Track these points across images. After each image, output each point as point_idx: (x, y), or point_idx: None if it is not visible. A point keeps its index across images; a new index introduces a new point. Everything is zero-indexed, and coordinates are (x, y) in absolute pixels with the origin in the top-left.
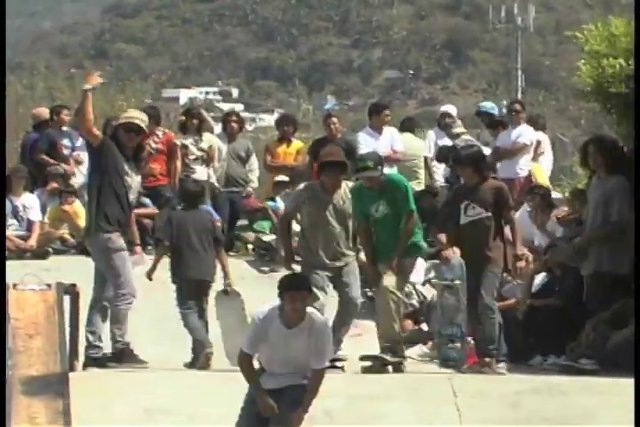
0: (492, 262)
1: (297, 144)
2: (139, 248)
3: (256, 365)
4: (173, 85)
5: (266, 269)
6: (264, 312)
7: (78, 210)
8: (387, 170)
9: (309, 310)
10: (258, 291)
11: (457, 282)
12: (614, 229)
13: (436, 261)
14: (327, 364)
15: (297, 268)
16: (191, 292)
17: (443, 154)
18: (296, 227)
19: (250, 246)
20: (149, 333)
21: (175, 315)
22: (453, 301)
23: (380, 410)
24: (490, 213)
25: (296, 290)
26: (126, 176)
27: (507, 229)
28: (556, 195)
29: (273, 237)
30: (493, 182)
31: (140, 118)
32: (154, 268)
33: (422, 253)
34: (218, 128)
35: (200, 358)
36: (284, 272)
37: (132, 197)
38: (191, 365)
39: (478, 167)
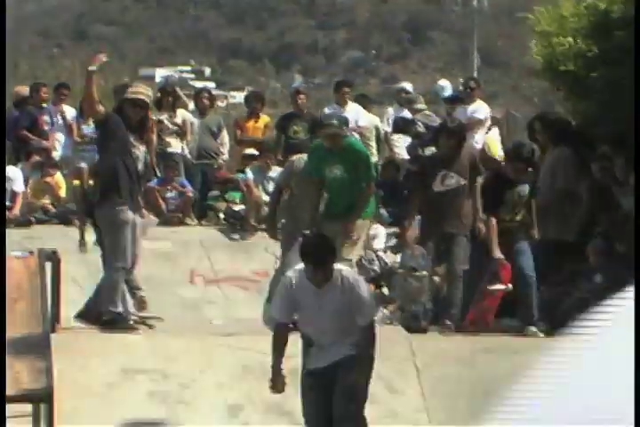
0: (464, 229)
1: (264, 119)
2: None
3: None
4: (149, 65)
5: (236, 236)
6: (290, 277)
7: (59, 181)
8: None
9: (337, 267)
10: (229, 257)
11: (424, 273)
12: (558, 196)
13: (396, 230)
14: (372, 319)
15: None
16: None
17: (399, 125)
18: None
19: (221, 215)
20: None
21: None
22: (416, 284)
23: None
24: (465, 182)
25: (319, 252)
26: (133, 148)
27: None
28: None
29: (243, 206)
30: (467, 151)
31: (146, 94)
32: None
33: (368, 215)
34: (191, 105)
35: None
36: (253, 240)
37: (140, 166)
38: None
39: (462, 139)
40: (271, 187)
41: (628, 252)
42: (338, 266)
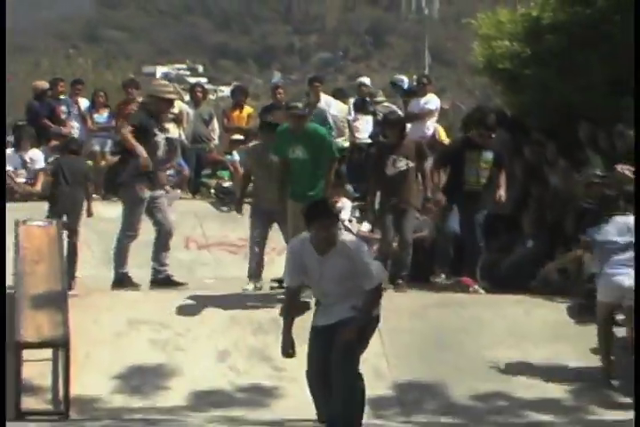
0: (413, 205)
1: (248, 110)
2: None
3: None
4: (151, 63)
5: (224, 208)
6: (296, 244)
7: None
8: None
9: (340, 234)
10: (219, 225)
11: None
12: (493, 173)
13: (362, 203)
14: (376, 283)
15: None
16: None
17: (358, 106)
18: None
19: (212, 191)
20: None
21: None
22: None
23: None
24: (413, 164)
25: (321, 219)
26: (155, 137)
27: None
28: None
29: (230, 183)
30: (410, 139)
31: (175, 91)
32: None
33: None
34: (187, 97)
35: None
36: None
37: (160, 152)
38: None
39: (403, 128)
40: None
41: (555, 221)
42: (340, 234)
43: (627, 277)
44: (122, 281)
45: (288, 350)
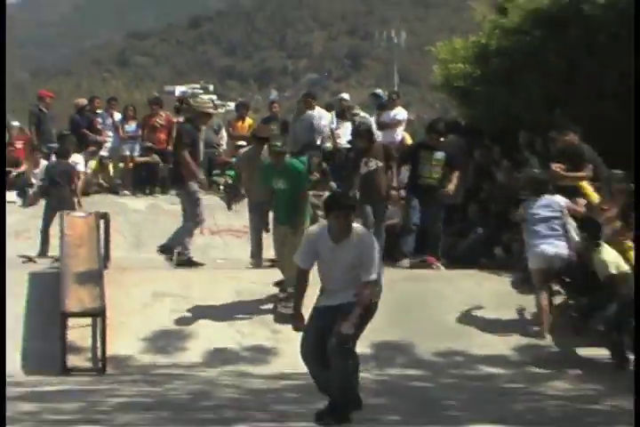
0: (383, 198)
1: (249, 121)
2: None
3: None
4: (171, 84)
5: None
6: (314, 231)
7: (109, 165)
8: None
9: (355, 225)
10: (227, 216)
11: None
12: (446, 171)
13: None
14: (374, 277)
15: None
16: None
17: (338, 114)
18: None
19: (221, 187)
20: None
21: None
22: None
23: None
24: (382, 164)
25: (339, 209)
26: (200, 146)
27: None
28: None
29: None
30: (379, 143)
31: (212, 106)
32: None
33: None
34: None
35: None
36: (243, 204)
37: (201, 156)
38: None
39: (370, 136)
40: None
41: (500, 211)
42: (354, 224)
43: (550, 246)
44: (186, 262)
45: (298, 324)
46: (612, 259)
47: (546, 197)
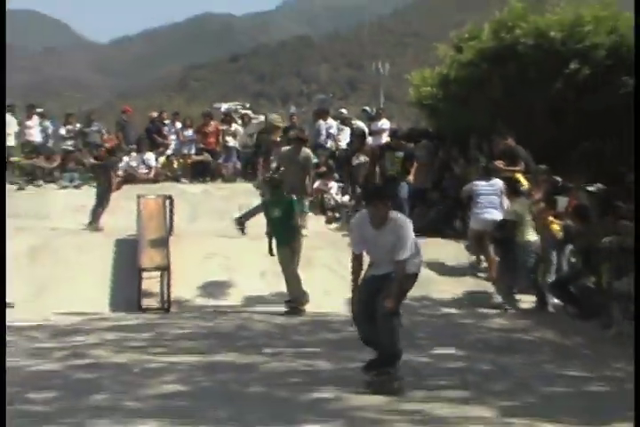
0: (363, 182)
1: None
2: None
3: None
4: (218, 102)
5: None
6: (357, 219)
7: (173, 161)
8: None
9: (392, 212)
10: (259, 198)
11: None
12: (424, 164)
13: (342, 185)
14: (406, 256)
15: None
16: None
17: (341, 122)
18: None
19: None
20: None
21: None
22: (347, 210)
23: (315, 254)
24: (369, 159)
25: (377, 199)
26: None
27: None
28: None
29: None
30: (370, 146)
31: (283, 122)
32: None
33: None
34: (239, 121)
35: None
36: None
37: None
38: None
39: (364, 138)
40: None
41: (456, 195)
42: (394, 213)
43: (488, 215)
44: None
45: (355, 301)
46: (528, 230)
47: (490, 180)
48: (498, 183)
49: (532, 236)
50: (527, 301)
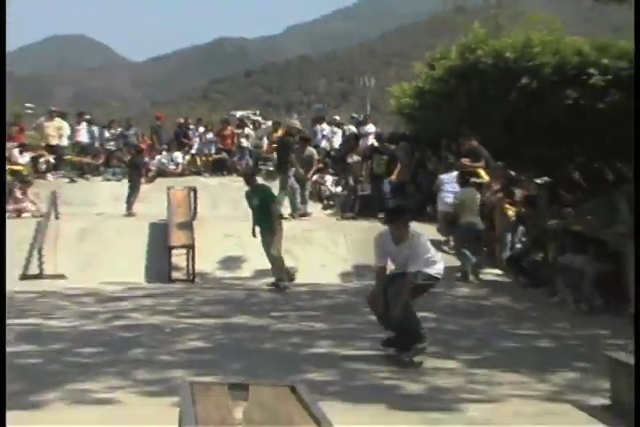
0: (357, 178)
1: (280, 132)
2: None
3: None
4: (235, 110)
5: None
6: (380, 236)
7: (196, 159)
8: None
9: (411, 230)
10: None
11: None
12: (403, 163)
13: (337, 177)
14: (416, 269)
15: None
16: None
17: (335, 124)
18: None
19: (263, 172)
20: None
21: None
22: (343, 199)
23: (313, 235)
24: (360, 158)
25: (399, 218)
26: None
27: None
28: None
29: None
30: (361, 146)
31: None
32: None
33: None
34: (251, 126)
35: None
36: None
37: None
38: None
39: (356, 140)
40: None
41: (429, 187)
42: (413, 229)
43: (449, 199)
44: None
45: (378, 305)
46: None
47: (451, 173)
48: (456, 175)
49: (474, 218)
50: (489, 272)
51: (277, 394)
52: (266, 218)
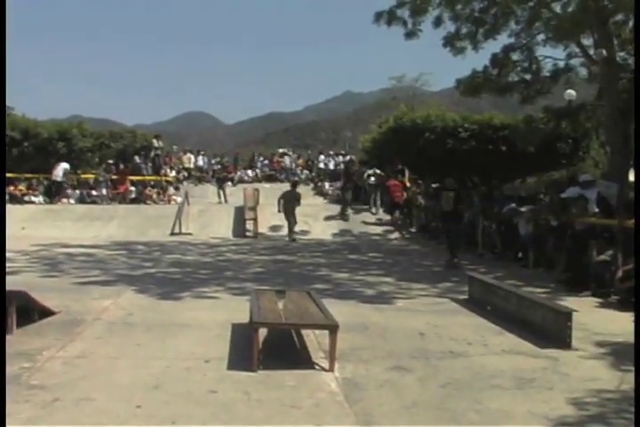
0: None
1: (302, 161)
2: None
3: None
4: (279, 148)
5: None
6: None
7: (257, 174)
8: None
9: None
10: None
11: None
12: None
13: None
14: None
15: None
16: None
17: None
18: None
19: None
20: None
21: None
22: (344, 196)
23: (319, 213)
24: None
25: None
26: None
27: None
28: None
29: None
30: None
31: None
32: None
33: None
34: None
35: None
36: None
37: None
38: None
39: (353, 163)
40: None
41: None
42: None
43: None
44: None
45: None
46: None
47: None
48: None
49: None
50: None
51: (300, 296)
52: (292, 206)
